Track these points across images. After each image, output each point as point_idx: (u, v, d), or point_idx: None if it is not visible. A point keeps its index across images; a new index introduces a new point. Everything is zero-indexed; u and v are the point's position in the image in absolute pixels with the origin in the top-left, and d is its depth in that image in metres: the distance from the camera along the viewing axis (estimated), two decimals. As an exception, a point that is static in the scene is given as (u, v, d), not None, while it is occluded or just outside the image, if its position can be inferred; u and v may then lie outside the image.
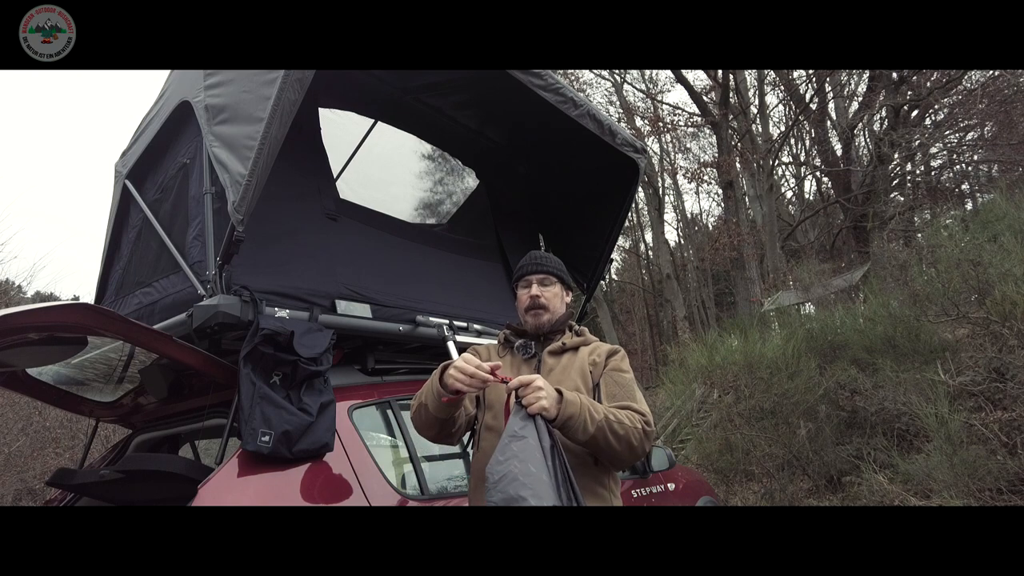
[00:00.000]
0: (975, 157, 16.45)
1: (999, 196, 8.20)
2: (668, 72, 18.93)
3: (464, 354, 1.60)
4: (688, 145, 22.65)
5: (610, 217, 3.70)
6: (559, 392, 1.50)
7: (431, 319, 2.63)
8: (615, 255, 11.56)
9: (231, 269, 1.99)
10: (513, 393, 1.48)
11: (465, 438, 1.85)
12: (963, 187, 18.63)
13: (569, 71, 16.04)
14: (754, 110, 17.72)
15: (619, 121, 17.79)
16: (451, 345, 2.57)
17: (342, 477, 1.90)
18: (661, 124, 18.37)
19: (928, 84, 13.60)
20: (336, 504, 1.85)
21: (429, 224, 3.79)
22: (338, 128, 3.14)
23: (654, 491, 3.29)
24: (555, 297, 1.83)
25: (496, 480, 1.33)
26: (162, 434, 2.59)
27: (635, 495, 3.10)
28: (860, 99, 16.67)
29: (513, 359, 1.79)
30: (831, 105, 17.57)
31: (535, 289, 1.82)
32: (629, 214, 5.24)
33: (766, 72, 16.63)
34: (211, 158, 2.12)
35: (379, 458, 2.06)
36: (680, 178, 22.23)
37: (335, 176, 3.07)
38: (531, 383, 1.46)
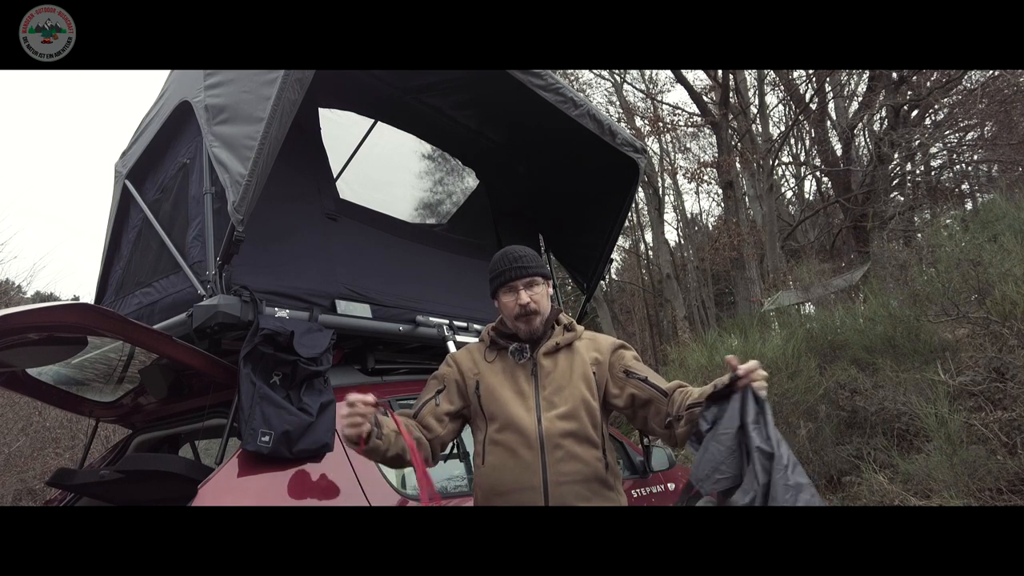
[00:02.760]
0: (975, 157, 16.44)
1: (999, 196, 8.20)
2: (668, 72, 18.92)
3: (345, 403, 1.45)
4: (688, 145, 22.62)
5: (610, 217, 3.70)
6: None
7: (431, 319, 2.63)
8: (615, 255, 11.54)
9: (231, 269, 1.99)
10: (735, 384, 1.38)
11: (447, 449, 1.83)
12: (963, 187, 18.62)
13: (569, 71, 16.03)
14: (754, 110, 17.69)
15: (619, 121, 17.79)
16: (451, 345, 2.57)
17: (342, 477, 1.90)
18: (661, 124, 18.35)
19: (928, 84, 13.59)
20: (336, 504, 1.85)
21: (429, 224, 3.79)
22: (338, 128, 3.13)
23: (654, 491, 3.29)
24: (543, 298, 1.76)
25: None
26: (162, 434, 2.59)
27: (635, 495, 3.10)
28: (860, 99, 16.67)
29: (505, 363, 1.74)
30: (831, 105, 17.56)
31: (523, 296, 1.72)
32: (629, 214, 5.24)
33: (766, 72, 16.61)
34: (211, 158, 2.12)
35: (379, 458, 2.05)
36: (680, 178, 22.21)
37: (335, 176, 3.07)
38: (756, 369, 1.38)
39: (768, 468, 1.22)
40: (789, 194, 24.73)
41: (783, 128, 18.88)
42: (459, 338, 2.65)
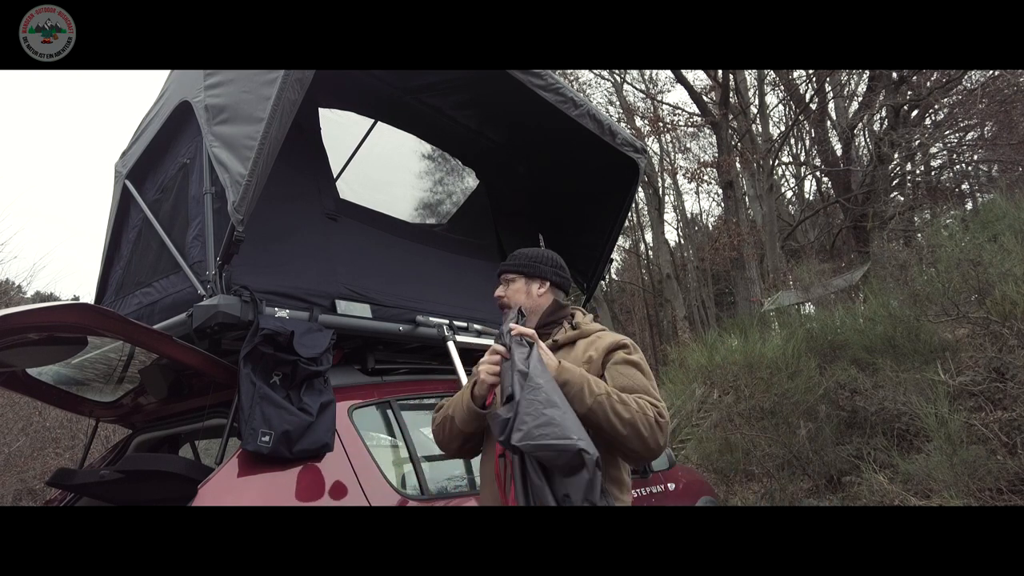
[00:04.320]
0: (975, 157, 16.46)
1: (999, 196, 8.21)
2: (668, 72, 18.93)
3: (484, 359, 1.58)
4: (688, 145, 22.63)
5: (610, 217, 3.70)
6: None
7: (431, 319, 2.62)
8: (615, 255, 11.54)
9: (231, 269, 1.99)
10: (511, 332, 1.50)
11: None
12: (963, 187, 18.64)
13: (569, 71, 16.04)
14: (754, 110, 17.71)
15: (619, 121, 17.79)
16: (451, 345, 2.57)
17: (342, 477, 1.90)
18: (661, 124, 18.37)
19: (928, 84, 13.60)
20: (336, 504, 1.85)
21: (429, 224, 3.79)
22: (338, 128, 3.13)
23: (654, 491, 3.29)
24: (517, 293, 1.79)
25: (540, 424, 1.29)
26: (162, 434, 2.59)
27: (635, 495, 3.10)
28: (860, 99, 16.68)
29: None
30: (831, 105, 17.57)
31: (499, 290, 1.81)
32: (629, 214, 5.24)
33: (766, 72, 16.62)
34: (211, 158, 2.12)
35: (379, 458, 2.05)
36: (680, 178, 22.22)
37: (335, 176, 3.07)
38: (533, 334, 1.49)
39: (522, 384, 1.36)
40: (789, 194, 24.75)
41: (783, 128, 18.89)
42: (459, 338, 2.65)
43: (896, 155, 14.70)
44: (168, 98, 2.69)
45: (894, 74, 13.49)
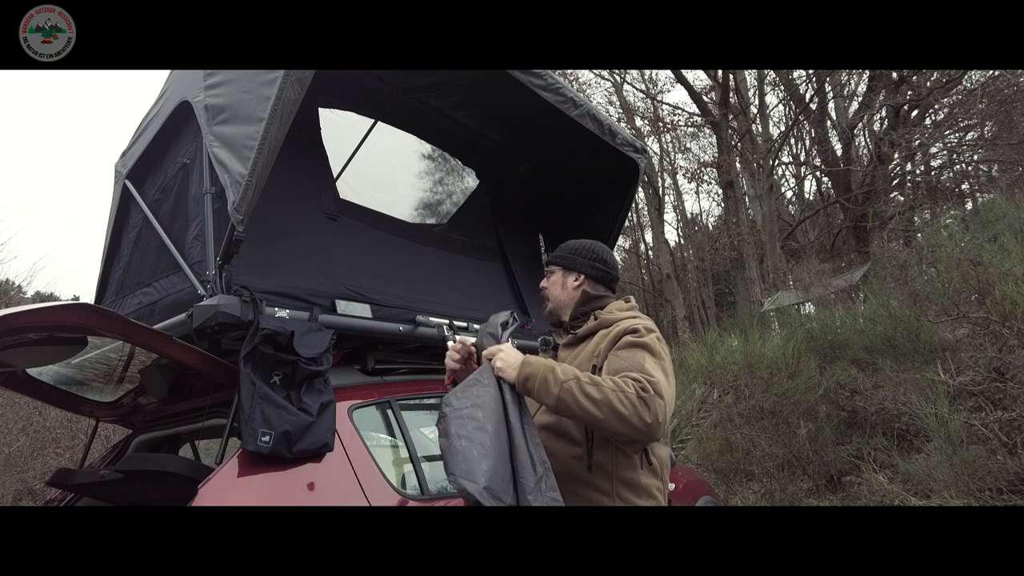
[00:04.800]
0: (975, 157, 16.45)
1: (999, 196, 8.21)
2: (668, 72, 18.93)
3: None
4: (688, 145, 22.66)
5: (610, 217, 3.70)
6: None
7: (431, 319, 2.62)
8: (615, 255, 11.53)
9: (231, 269, 1.99)
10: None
11: None
12: (963, 187, 18.63)
13: (569, 71, 16.03)
14: (754, 110, 17.72)
15: (619, 121, 17.79)
16: (451, 345, 2.57)
17: (342, 477, 1.90)
18: (661, 124, 18.38)
19: (928, 84, 13.60)
20: (336, 504, 1.85)
21: (429, 224, 3.79)
22: (338, 128, 3.13)
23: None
24: (554, 285, 1.81)
25: (454, 434, 1.36)
26: (162, 434, 2.59)
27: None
28: (860, 99, 16.68)
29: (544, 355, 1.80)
30: (831, 105, 17.58)
31: (543, 281, 1.84)
32: (629, 214, 5.24)
33: (766, 72, 16.63)
34: (211, 158, 2.12)
35: (379, 458, 2.05)
36: (680, 178, 22.23)
37: (335, 176, 3.07)
38: (497, 351, 1.53)
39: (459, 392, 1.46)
40: (789, 194, 24.75)
41: (783, 128, 18.90)
42: (459, 338, 2.65)
43: (896, 155, 14.70)
44: (168, 98, 2.69)
45: (894, 74, 13.49)
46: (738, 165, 16.84)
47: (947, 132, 14.71)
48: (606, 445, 1.53)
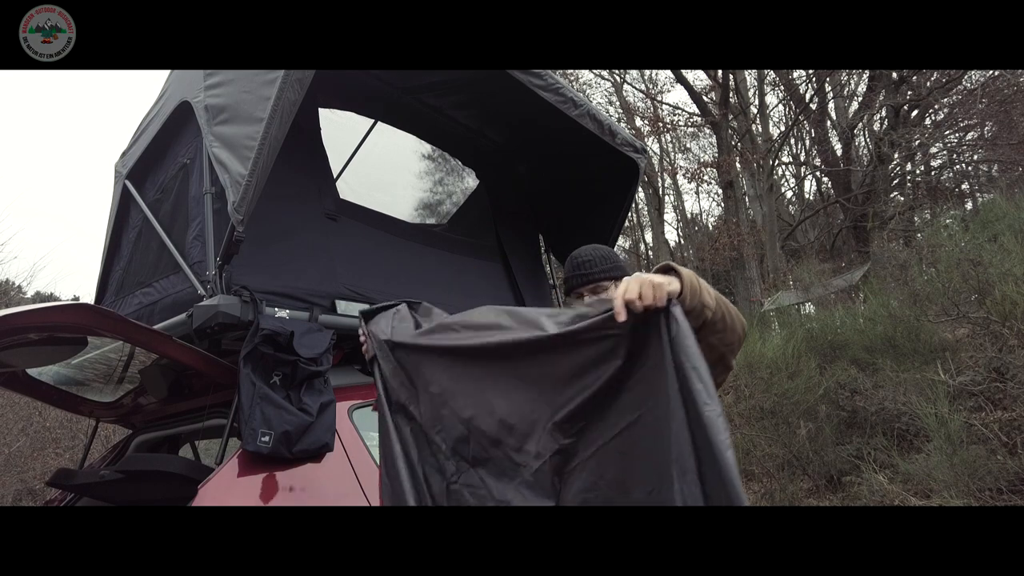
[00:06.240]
0: (975, 157, 16.46)
1: (999, 196, 8.21)
2: (668, 72, 18.92)
3: None
4: (688, 145, 22.64)
5: (610, 217, 3.70)
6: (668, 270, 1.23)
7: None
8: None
9: (231, 269, 1.99)
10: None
11: None
12: (963, 187, 18.63)
13: (569, 71, 16.03)
14: (754, 110, 17.71)
15: (619, 121, 17.79)
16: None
17: (342, 477, 1.90)
18: (661, 124, 18.37)
19: (928, 84, 13.60)
20: (336, 504, 1.85)
21: (429, 224, 3.79)
22: (338, 128, 3.13)
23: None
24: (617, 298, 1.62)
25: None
26: (162, 434, 2.59)
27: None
28: (860, 99, 16.69)
29: None
30: (831, 105, 17.58)
31: (607, 294, 1.62)
32: (629, 214, 5.24)
33: (766, 72, 16.62)
34: (211, 158, 2.12)
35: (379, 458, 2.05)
36: (680, 178, 22.20)
37: (335, 176, 3.07)
38: (639, 280, 1.14)
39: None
40: (789, 194, 24.74)
41: (783, 128, 18.89)
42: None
43: (896, 155, 14.71)
44: (168, 98, 2.69)
45: (894, 74, 13.49)
46: (738, 165, 16.82)
47: (947, 132, 14.72)
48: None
